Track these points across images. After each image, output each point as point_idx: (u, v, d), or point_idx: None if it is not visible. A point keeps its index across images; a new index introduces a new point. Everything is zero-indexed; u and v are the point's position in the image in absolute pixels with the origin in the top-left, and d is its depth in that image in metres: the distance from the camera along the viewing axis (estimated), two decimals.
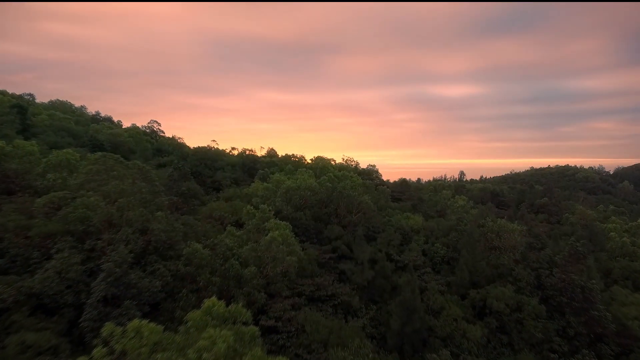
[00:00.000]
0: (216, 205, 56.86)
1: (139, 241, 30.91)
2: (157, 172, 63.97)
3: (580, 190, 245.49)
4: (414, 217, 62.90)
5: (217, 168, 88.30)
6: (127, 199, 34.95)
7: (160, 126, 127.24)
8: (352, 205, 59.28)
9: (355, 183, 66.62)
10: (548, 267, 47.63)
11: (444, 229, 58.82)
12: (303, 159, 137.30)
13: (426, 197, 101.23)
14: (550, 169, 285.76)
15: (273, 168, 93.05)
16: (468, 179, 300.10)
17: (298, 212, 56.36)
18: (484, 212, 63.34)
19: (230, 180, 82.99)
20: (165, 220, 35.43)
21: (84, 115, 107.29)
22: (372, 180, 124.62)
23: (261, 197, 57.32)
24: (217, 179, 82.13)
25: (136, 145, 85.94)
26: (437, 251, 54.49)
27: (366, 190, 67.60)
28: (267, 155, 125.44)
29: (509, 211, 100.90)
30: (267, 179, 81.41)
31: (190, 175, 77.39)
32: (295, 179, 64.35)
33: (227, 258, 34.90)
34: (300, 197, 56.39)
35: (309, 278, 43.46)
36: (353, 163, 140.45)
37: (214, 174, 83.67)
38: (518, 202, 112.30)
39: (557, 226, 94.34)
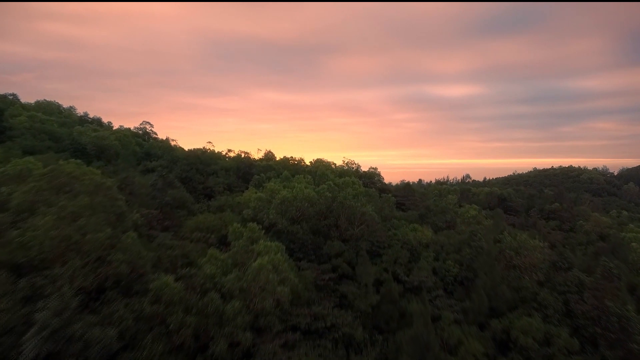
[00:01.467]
0: (203, 218, 50.87)
1: (92, 276, 24.93)
2: (140, 181, 58.19)
3: (585, 192, 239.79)
4: (421, 229, 56.86)
5: (209, 173, 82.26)
6: (89, 219, 28.99)
7: (153, 127, 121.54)
8: (354, 217, 53.27)
9: (357, 191, 60.64)
10: (577, 291, 41.60)
11: (456, 244, 52.79)
12: (302, 162, 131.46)
13: (432, 204, 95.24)
14: (553, 170, 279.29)
15: (269, 172, 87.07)
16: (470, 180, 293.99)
17: (294, 225, 50.38)
18: (499, 224, 57.23)
19: (223, 187, 76.97)
20: (133, 245, 29.41)
21: (72, 117, 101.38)
22: (374, 183, 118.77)
23: (253, 208, 51.29)
24: (209, 185, 76.13)
25: (123, 149, 79.90)
26: (449, 269, 48.48)
27: (369, 198, 61.57)
28: (264, 158, 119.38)
29: (520, 219, 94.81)
30: (263, 186, 75.49)
31: (179, 182, 71.52)
32: (291, 187, 58.33)
33: (205, 291, 28.92)
34: (296, 208, 50.39)
35: (305, 306, 37.50)
36: (354, 165, 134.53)
37: (206, 179, 77.65)
38: (527, 208, 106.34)
39: (571, 234, 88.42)
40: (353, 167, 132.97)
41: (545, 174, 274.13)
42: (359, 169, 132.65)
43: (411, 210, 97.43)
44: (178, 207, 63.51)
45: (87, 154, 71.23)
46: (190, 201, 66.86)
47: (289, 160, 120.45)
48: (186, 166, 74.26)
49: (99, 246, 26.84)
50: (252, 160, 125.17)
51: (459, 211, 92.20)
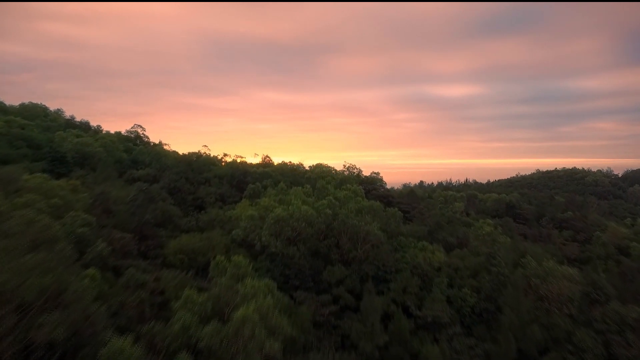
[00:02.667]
0: (187, 239, 44.76)
1: (9, 350, 18.71)
2: (119, 195, 52.05)
3: (591, 194, 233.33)
4: (431, 249, 50.72)
5: (201, 182, 76.11)
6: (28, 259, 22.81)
7: (145, 131, 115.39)
8: (358, 237, 47.13)
9: (361, 205, 54.55)
10: (618, 330, 35.51)
11: (472, 267, 46.71)
12: (301, 166, 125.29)
13: (439, 215, 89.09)
14: (557, 172, 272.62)
15: (266, 180, 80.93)
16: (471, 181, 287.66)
17: (290, 247, 44.27)
18: (519, 244, 51.01)
19: (215, 197, 70.81)
20: (86, 293, 23.23)
21: (58, 120, 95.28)
22: (376, 189, 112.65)
23: (244, 229, 45.17)
24: (200, 196, 69.95)
25: (108, 156, 73.74)
26: (466, 298, 42.39)
27: (373, 213, 55.37)
28: (261, 163, 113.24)
29: (531, 229, 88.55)
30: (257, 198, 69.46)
31: (167, 193, 65.41)
32: (287, 202, 52.25)
33: (174, 352, 22.83)
34: (292, 228, 44.27)
35: (300, 354, 31.46)
36: (355, 170, 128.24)
37: (196, 189, 71.49)
38: (538, 216, 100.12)
39: (587, 247, 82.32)
40: (354, 171, 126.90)
41: (549, 176, 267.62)
42: (360, 174, 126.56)
43: (417, 220, 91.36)
44: (162, 224, 57.47)
45: (66, 163, 65.07)
46: (177, 215, 60.75)
47: (287, 165, 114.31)
48: (175, 175, 68.08)
49: (32, 298, 20.59)
50: (249, 165, 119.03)
51: (471, 224, 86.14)
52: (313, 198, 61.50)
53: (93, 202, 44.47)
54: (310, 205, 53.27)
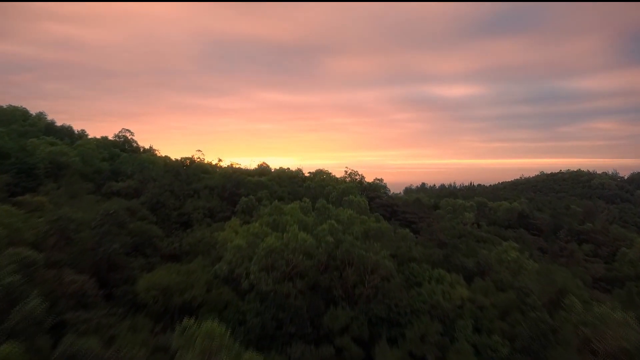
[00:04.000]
0: (161, 275, 36.83)
1: None
2: (84, 218, 44.15)
3: (598, 198, 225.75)
4: (449, 279, 42.94)
5: (189, 194, 68.36)
6: None
7: (134, 135, 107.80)
8: (365, 268, 39.38)
9: (368, 228, 46.85)
10: None
11: (501, 306, 38.98)
12: (300, 172, 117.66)
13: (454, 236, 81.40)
14: (562, 174, 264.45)
15: (261, 192, 73.21)
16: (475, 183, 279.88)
17: (285, 284, 36.55)
18: (555, 273, 43.19)
19: (204, 212, 63.03)
20: None
21: (38, 125, 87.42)
22: (380, 198, 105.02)
23: (229, 262, 37.38)
24: (187, 212, 62.17)
25: (85, 166, 65.96)
26: (497, 348, 34.64)
27: (381, 236, 47.59)
28: (257, 170, 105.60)
29: (552, 247, 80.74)
30: (250, 214, 61.77)
31: (149, 210, 57.69)
32: (282, 225, 44.55)
33: None
34: (287, 261, 36.54)
35: None
36: (357, 176, 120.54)
37: (182, 203, 63.72)
38: (555, 228, 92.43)
39: (614, 265, 74.64)
40: (356, 177, 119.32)
41: (554, 179, 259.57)
42: (362, 180, 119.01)
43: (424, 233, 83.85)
44: (140, 247, 49.77)
45: (35, 175, 57.30)
46: (158, 236, 52.99)
47: (285, 172, 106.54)
48: (158, 189, 60.26)
49: None
50: (244, 172, 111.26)
51: (485, 239, 78.57)
52: (312, 217, 53.82)
53: (48, 230, 36.67)
54: (309, 228, 45.58)
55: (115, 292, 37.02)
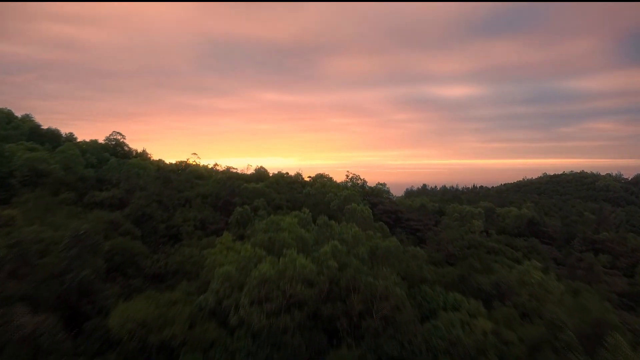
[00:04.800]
0: (138, 306, 31.53)
1: None
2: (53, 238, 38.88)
3: (603, 200, 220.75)
4: (467, 306, 37.70)
5: (179, 204, 63.11)
6: None
7: (125, 138, 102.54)
8: (373, 296, 34.11)
9: (375, 246, 41.60)
10: None
11: (530, 342, 33.66)
12: (299, 176, 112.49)
13: (457, 237, 76.26)
14: (566, 176, 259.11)
15: (257, 200, 67.92)
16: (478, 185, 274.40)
17: (281, 317, 31.29)
18: (586, 298, 37.91)
19: (195, 224, 57.77)
20: None
21: (21, 128, 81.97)
22: (383, 204, 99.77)
23: (216, 292, 32.06)
24: (176, 224, 56.92)
25: (67, 174, 60.63)
26: None
27: (388, 255, 42.29)
28: (255, 175, 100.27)
29: (565, 257, 75.43)
30: (244, 227, 56.53)
31: (132, 224, 52.40)
32: (278, 244, 39.32)
33: None
34: (284, 292, 31.27)
35: None
36: (359, 181, 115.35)
37: (172, 214, 58.44)
38: (568, 237, 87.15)
39: (636, 280, 69.41)
40: (358, 182, 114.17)
41: (558, 181, 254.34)
42: (365, 185, 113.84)
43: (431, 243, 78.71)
44: (121, 267, 44.54)
45: (8, 185, 52.03)
46: (142, 254, 47.72)
47: (284, 177, 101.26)
48: (144, 200, 54.93)
49: None
50: (241, 175, 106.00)
51: (497, 250, 73.38)
52: (313, 233, 48.35)
53: (4, 257, 31.36)
54: (309, 248, 40.41)
55: (85, 326, 31.79)
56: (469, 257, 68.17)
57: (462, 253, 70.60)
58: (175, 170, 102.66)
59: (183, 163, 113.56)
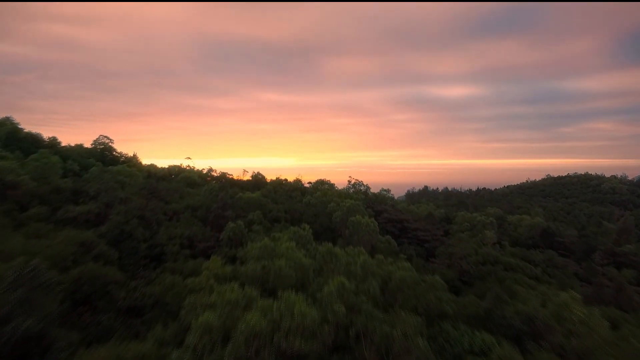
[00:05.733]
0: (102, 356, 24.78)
1: None
2: None
3: (609, 203, 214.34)
4: (500, 352, 31.02)
5: (165, 217, 56.36)
6: None
7: (113, 142, 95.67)
8: (390, 349, 27.46)
9: (389, 276, 34.98)
10: None
11: None
12: (299, 182, 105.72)
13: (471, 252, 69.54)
14: (570, 178, 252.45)
15: (252, 213, 61.16)
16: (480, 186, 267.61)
17: None
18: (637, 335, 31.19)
19: (181, 243, 51.01)
20: None
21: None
22: (388, 213, 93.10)
23: (192, 349, 25.32)
24: (160, 242, 50.16)
25: (39, 186, 53.83)
26: None
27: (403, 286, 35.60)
28: (251, 182, 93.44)
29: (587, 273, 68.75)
30: (236, 248, 49.87)
31: (108, 245, 45.61)
32: (274, 275, 32.72)
33: None
34: (278, 348, 24.58)
35: None
36: (362, 187, 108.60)
37: (156, 231, 51.68)
38: (587, 249, 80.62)
39: None
40: (361, 188, 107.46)
41: (562, 183, 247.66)
42: (368, 191, 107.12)
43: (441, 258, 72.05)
44: (90, 298, 37.83)
45: None
46: (116, 281, 40.89)
47: (283, 184, 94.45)
48: (122, 217, 48.13)
49: None
50: (237, 182, 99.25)
51: (515, 266, 66.77)
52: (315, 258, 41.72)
53: None
54: (309, 280, 33.81)
55: None
56: (487, 277, 61.60)
57: (478, 271, 64.03)
58: (166, 176, 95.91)
59: (176, 168, 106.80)
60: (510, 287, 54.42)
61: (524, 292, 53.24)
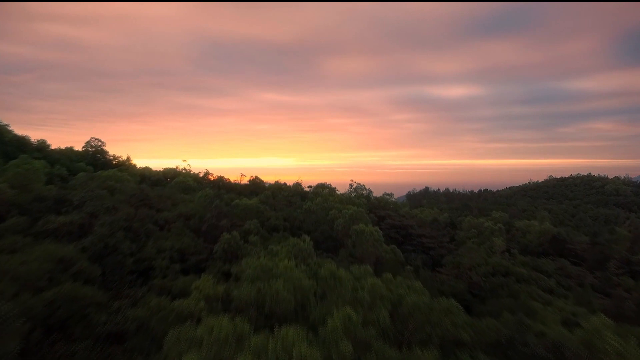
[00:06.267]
0: None
1: None
2: None
3: (614, 205, 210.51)
4: None
5: (155, 228, 52.36)
6: None
7: (105, 145, 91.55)
8: None
9: (399, 301, 31.05)
10: None
11: None
12: (299, 185, 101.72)
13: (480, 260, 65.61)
14: (573, 179, 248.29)
15: (249, 222, 57.14)
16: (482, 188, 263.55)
17: None
18: None
19: (170, 257, 46.98)
20: None
21: None
22: (391, 218, 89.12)
23: None
24: (148, 256, 46.15)
25: (19, 194, 49.76)
26: None
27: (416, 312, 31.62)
28: (248, 187, 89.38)
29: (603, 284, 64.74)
30: (230, 263, 45.93)
31: (88, 261, 41.59)
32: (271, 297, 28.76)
33: None
34: None
35: None
36: (364, 190, 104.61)
37: (143, 244, 47.65)
38: (601, 257, 76.73)
39: None
40: (363, 192, 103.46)
41: (565, 184, 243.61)
42: (370, 195, 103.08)
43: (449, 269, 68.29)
44: (65, 324, 33.83)
45: None
46: (97, 302, 36.87)
47: (282, 188, 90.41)
48: (107, 229, 44.10)
49: None
50: (235, 186, 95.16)
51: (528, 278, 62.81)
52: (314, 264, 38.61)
53: None
54: (310, 307, 29.90)
55: None
56: (499, 290, 57.69)
57: (489, 283, 60.06)
58: (161, 180, 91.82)
59: (171, 171, 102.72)
60: (525, 302, 50.40)
61: (542, 309, 49.28)
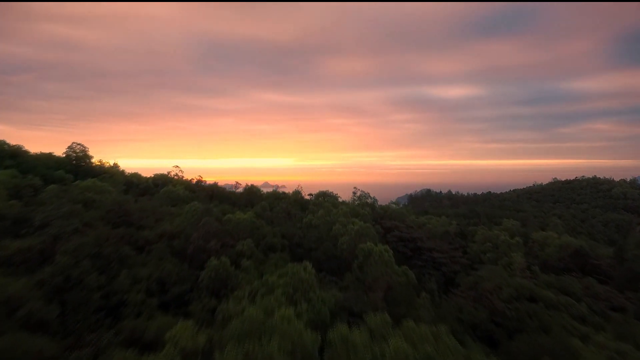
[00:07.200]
0: None
1: None
2: None
3: (622, 209, 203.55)
4: None
5: (131, 253, 44.78)
6: None
7: (88, 150, 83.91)
8: None
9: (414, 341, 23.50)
10: None
11: None
12: (300, 193, 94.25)
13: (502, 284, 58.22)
14: (579, 182, 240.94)
15: (241, 243, 49.69)
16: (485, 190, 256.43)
17: None
18: None
19: (148, 289, 39.46)
20: None
21: None
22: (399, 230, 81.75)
23: None
24: (119, 288, 38.61)
25: None
26: None
27: None
28: (244, 196, 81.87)
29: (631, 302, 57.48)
30: (218, 296, 38.58)
31: (43, 301, 34.07)
32: None
33: None
34: None
35: None
36: (369, 199, 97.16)
37: (114, 275, 40.05)
38: (629, 276, 69.54)
39: None
40: (368, 200, 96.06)
41: (571, 187, 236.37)
42: (375, 204, 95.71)
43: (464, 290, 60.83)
44: None
45: None
46: (49, 357, 29.59)
47: (281, 198, 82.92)
48: (70, 258, 36.56)
49: None
50: (227, 195, 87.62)
51: (561, 310, 55.29)
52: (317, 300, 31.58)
53: None
54: None
55: None
56: (527, 321, 50.29)
57: (515, 310, 52.63)
58: (150, 188, 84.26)
59: (162, 177, 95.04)
60: (563, 339, 42.95)
61: (583, 348, 41.91)
